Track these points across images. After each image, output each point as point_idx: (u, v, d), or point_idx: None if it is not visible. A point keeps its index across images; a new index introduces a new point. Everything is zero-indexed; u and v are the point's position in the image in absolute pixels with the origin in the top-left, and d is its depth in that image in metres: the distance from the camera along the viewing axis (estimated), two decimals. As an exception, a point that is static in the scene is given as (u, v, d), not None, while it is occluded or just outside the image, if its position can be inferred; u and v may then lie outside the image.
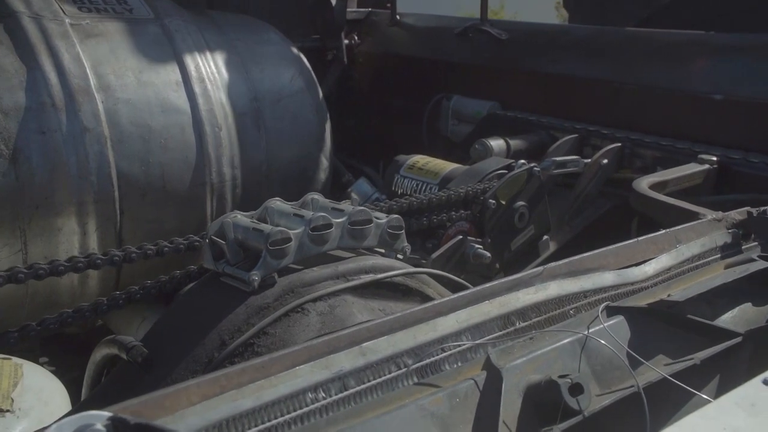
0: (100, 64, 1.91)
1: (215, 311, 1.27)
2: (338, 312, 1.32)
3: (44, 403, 1.45)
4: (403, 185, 2.16)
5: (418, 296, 1.47)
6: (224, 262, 1.35)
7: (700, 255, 1.42)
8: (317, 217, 1.35)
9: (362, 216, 1.41)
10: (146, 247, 1.42)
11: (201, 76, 2.07)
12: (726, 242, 1.47)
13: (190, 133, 2.01)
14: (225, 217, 1.38)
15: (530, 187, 1.96)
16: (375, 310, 1.39)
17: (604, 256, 1.30)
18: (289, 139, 2.24)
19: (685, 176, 1.94)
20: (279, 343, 1.25)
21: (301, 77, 2.33)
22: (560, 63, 2.70)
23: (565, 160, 2.14)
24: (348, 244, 1.41)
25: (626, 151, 2.31)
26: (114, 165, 1.87)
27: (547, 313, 1.17)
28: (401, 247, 1.50)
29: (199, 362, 1.21)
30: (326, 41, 3.44)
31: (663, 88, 2.42)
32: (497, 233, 1.91)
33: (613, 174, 2.29)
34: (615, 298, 1.26)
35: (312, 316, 1.30)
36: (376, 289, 1.41)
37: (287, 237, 1.31)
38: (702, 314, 1.19)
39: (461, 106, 2.90)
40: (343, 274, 1.38)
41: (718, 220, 1.51)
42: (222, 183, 2.08)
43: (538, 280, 1.19)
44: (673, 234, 1.42)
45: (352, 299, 1.36)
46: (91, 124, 1.84)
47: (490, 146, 2.37)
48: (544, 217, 2.02)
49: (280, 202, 1.47)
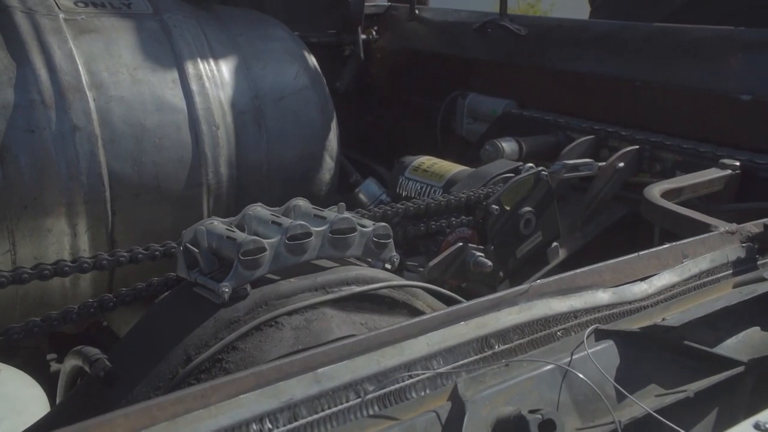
0: (93, 60, 1.86)
1: (184, 324, 1.21)
2: (315, 326, 1.25)
3: (18, 413, 1.40)
4: (408, 187, 2.08)
5: (404, 309, 1.39)
6: (197, 271, 1.28)
7: (708, 271, 1.32)
8: (294, 226, 1.27)
9: (345, 224, 1.34)
10: (119, 254, 1.36)
11: (199, 74, 2.01)
12: (739, 257, 1.36)
13: (186, 132, 1.95)
14: (200, 224, 1.32)
15: (538, 192, 1.86)
16: (357, 324, 1.31)
17: (599, 273, 1.21)
18: (292, 138, 2.17)
19: (704, 182, 1.83)
20: (248, 359, 1.18)
21: (305, 74, 2.25)
22: (580, 60, 2.59)
23: (578, 163, 2.03)
24: (329, 253, 1.33)
25: (645, 154, 2.20)
26: (105, 164, 1.83)
27: (532, 334, 1.08)
28: (389, 256, 1.42)
29: (163, 378, 1.15)
30: (343, 36, 3.37)
31: (687, 87, 2.29)
32: (501, 240, 1.82)
33: (630, 178, 2.18)
34: (609, 319, 1.16)
35: (286, 331, 1.22)
36: (358, 301, 1.33)
37: (261, 246, 1.24)
38: (703, 339, 1.09)
39: (477, 104, 2.80)
40: (322, 285, 1.30)
41: (732, 232, 1.41)
42: (219, 183, 2.02)
43: (522, 298, 1.11)
44: (679, 248, 1.32)
45: (332, 313, 1.29)
46: (82, 123, 1.79)
47: (501, 148, 2.28)
48: (552, 224, 1.92)
49: (261, 208, 1.40)
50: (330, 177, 2.30)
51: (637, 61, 2.45)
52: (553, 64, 2.65)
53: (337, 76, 3.43)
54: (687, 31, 2.48)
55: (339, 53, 3.44)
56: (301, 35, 3.25)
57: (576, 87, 2.56)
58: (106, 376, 1.15)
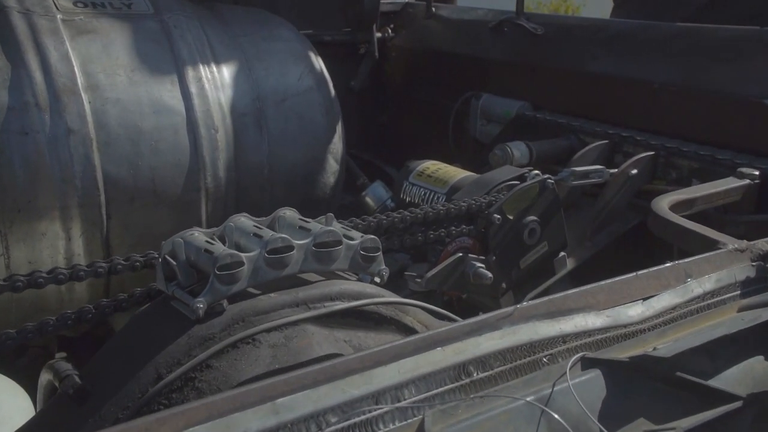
0: (90, 62, 1.83)
1: (157, 340, 1.17)
2: (294, 344, 1.20)
3: (0, 423, 1.38)
4: (412, 193, 2.02)
5: (393, 325, 1.34)
6: (175, 285, 1.24)
7: (713, 292, 1.24)
8: (275, 239, 1.22)
9: (329, 237, 1.28)
10: (97, 265, 1.32)
11: (198, 75, 1.97)
12: (748, 277, 1.28)
13: (184, 135, 1.91)
14: (179, 235, 1.27)
15: (543, 200, 1.79)
16: (340, 342, 1.26)
17: (593, 294, 1.14)
18: (294, 140, 2.13)
19: (719, 193, 1.74)
20: (222, 378, 1.13)
21: (310, 76, 2.20)
22: (597, 61, 2.50)
23: (587, 170, 1.95)
24: (313, 267, 1.28)
25: (660, 160, 2.11)
26: (100, 168, 1.79)
27: (515, 361, 1.02)
28: (377, 270, 1.36)
29: (132, 397, 1.10)
30: (357, 34, 3.31)
31: (707, 90, 2.20)
32: (503, 251, 1.75)
33: (644, 185, 2.09)
34: (601, 345, 1.09)
35: (263, 349, 1.18)
36: (342, 318, 1.28)
37: (238, 261, 1.19)
38: (699, 369, 1.02)
39: (490, 105, 2.73)
40: (303, 301, 1.25)
41: (741, 250, 1.33)
42: (218, 187, 1.98)
43: (506, 322, 1.04)
44: (681, 267, 1.24)
45: (314, 329, 1.24)
46: (76, 126, 1.76)
47: (510, 152, 2.21)
48: (559, 233, 1.85)
49: (245, 219, 1.35)
50: (335, 180, 2.25)
51: (656, 63, 2.36)
52: (569, 65, 2.56)
53: (352, 74, 3.38)
54: (709, 32, 2.38)
55: (354, 52, 3.39)
56: (314, 34, 3.23)
57: (592, 89, 2.47)
58: (75, 394, 1.12)
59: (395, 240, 1.63)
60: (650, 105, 2.30)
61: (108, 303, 1.31)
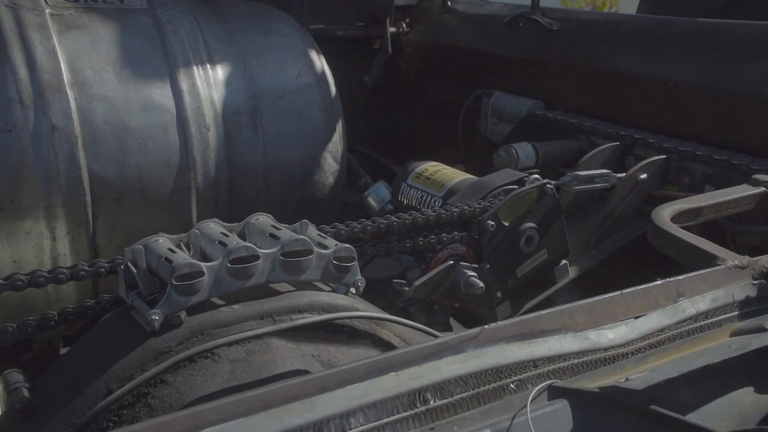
0: (77, 58, 1.79)
1: (113, 352, 1.12)
2: (256, 359, 1.14)
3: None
4: (409, 195, 1.95)
5: (367, 339, 1.27)
6: (136, 294, 1.19)
7: (708, 313, 1.15)
8: (238, 248, 1.17)
9: (299, 246, 1.22)
10: (58, 270, 1.27)
11: (190, 72, 1.92)
12: (748, 297, 1.19)
13: (174, 134, 1.86)
14: (142, 242, 1.22)
15: (542, 206, 1.70)
16: (307, 357, 1.20)
17: (570, 314, 1.06)
18: (291, 139, 2.06)
19: (730, 201, 1.63)
20: (175, 394, 1.08)
21: (309, 72, 2.14)
22: (612, 58, 2.39)
23: (592, 174, 1.86)
24: (281, 277, 1.22)
25: (673, 164, 2.00)
26: (85, 166, 1.75)
27: (479, 387, 0.95)
28: (353, 281, 1.30)
29: (80, 414, 1.05)
30: (370, 29, 3.24)
31: (725, 90, 2.08)
32: (498, 259, 1.67)
33: (654, 191, 1.99)
34: (576, 370, 1.02)
35: (222, 364, 1.12)
36: (311, 331, 1.22)
37: (198, 270, 1.13)
38: (679, 401, 0.93)
39: (502, 103, 2.64)
40: (269, 313, 1.19)
41: (742, 267, 1.23)
42: (209, 187, 1.92)
43: (471, 344, 0.97)
44: (673, 285, 1.15)
45: (279, 344, 1.18)
46: (61, 123, 1.72)
47: (515, 154, 2.12)
48: (559, 241, 1.76)
49: (214, 225, 1.29)
50: (334, 180, 2.18)
51: (673, 61, 2.24)
52: (583, 62, 2.46)
53: (366, 70, 3.31)
54: (730, 28, 2.26)
55: (368, 47, 3.32)
56: (325, 28, 3.17)
57: (605, 88, 2.37)
58: (23, 408, 1.07)
59: (381, 247, 1.56)
60: (665, 105, 2.19)
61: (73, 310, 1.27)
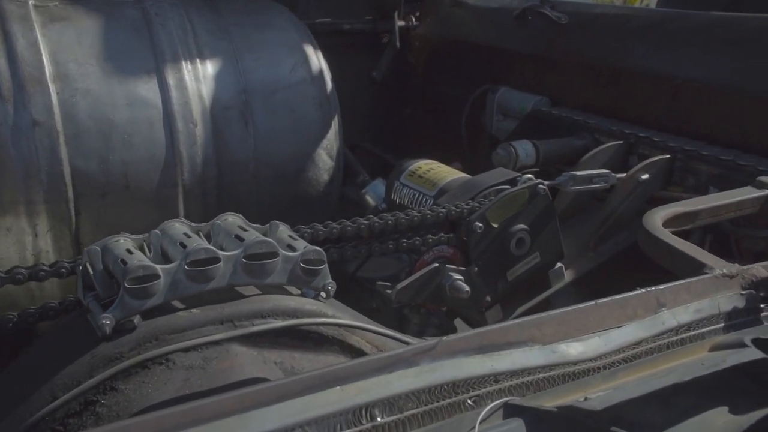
0: (61, 50, 1.76)
1: (64, 358, 1.08)
2: (213, 367, 1.09)
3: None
4: (401, 194, 1.89)
5: (335, 346, 1.22)
6: (93, 296, 1.15)
7: (691, 325, 1.09)
8: (197, 250, 1.12)
9: (262, 248, 1.17)
10: (16, 271, 1.24)
11: (178, 66, 1.88)
12: (735, 308, 1.12)
13: (160, 129, 1.82)
14: (102, 241, 1.18)
15: (534, 207, 1.63)
16: (270, 364, 1.15)
17: (538, 325, 0.99)
18: (283, 135, 2.02)
19: (730, 204, 1.54)
20: (124, 403, 1.03)
21: (304, 67, 2.09)
22: (620, 53, 2.31)
23: (590, 174, 1.78)
24: (244, 281, 1.17)
25: (677, 164, 1.92)
26: (67, 162, 1.72)
27: (432, 403, 0.89)
28: (322, 284, 1.24)
29: (23, 422, 1.02)
30: (379, 23, 3.18)
31: (735, 87, 1.99)
32: (487, 261, 1.61)
33: (657, 192, 1.91)
34: (543, 385, 0.96)
35: (176, 371, 1.07)
36: (276, 337, 1.17)
37: (153, 273, 1.09)
38: (645, 422, 0.87)
39: (507, 99, 2.56)
40: (229, 318, 1.14)
41: (731, 276, 1.16)
42: (196, 183, 1.88)
43: (427, 357, 0.91)
44: (653, 295, 1.08)
45: (240, 350, 1.13)
46: (42, 117, 1.69)
47: (514, 152, 2.05)
48: (553, 244, 1.69)
49: (179, 224, 1.24)
50: (329, 177, 2.13)
51: (682, 56, 2.15)
52: (590, 57, 2.38)
53: (374, 65, 3.25)
54: (744, 21, 2.16)
55: (377, 41, 3.26)
56: (332, 22, 3.12)
57: (612, 84, 2.29)
58: (-34, 413, 1.04)
59: (363, 248, 1.51)
60: (672, 102, 2.10)
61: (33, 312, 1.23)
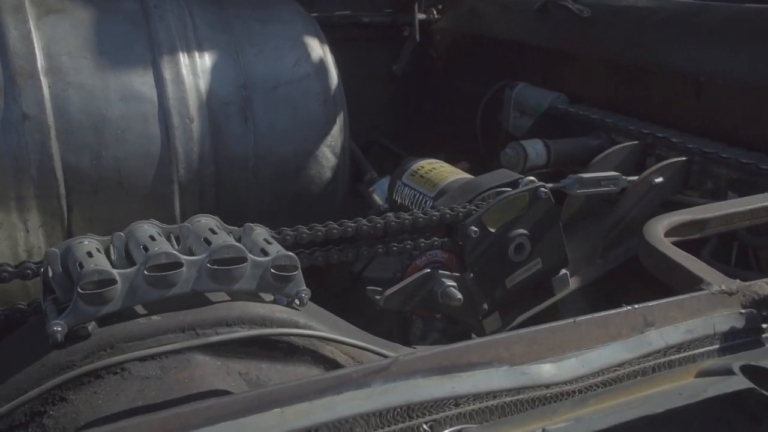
0: (54, 43, 1.73)
1: (14, 365, 1.04)
2: (171, 377, 1.04)
3: None
4: (403, 194, 1.82)
5: (307, 356, 1.16)
6: (51, 300, 1.11)
7: (681, 346, 1.00)
8: (157, 254, 1.07)
9: (229, 252, 1.11)
10: (-16, 269, 1.20)
11: (175, 60, 1.83)
12: (733, 328, 1.03)
13: (154, 125, 1.78)
14: (65, 242, 1.14)
15: (535, 211, 1.55)
16: (234, 375, 1.09)
17: (506, 345, 0.92)
18: (285, 132, 1.96)
19: (743, 213, 1.43)
20: (72, 414, 0.99)
21: (308, 62, 2.03)
22: (640, 48, 2.20)
23: (598, 177, 1.69)
24: (208, 287, 1.11)
25: (695, 167, 1.81)
26: (59, 157, 1.69)
27: (383, 427, 0.83)
28: (295, 291, 1.18)
29: (-36, 431, 0.98)
30: (398, 16, 3.11)
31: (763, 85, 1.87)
32: (484, 267, 1.53)
33: (672, 196, 1.80)
34: (509, 410, 0.88)
35: (132, 381, 1.02)
36: (242, 346, 1.11)
37: (109, 278, 1.04)
38: (614, 458, 0.79)
39: (524, 96, 2.47)
40: (191, 326, 1.09)
41: (730, 293, 1.06)
42: (192, 181, 1.84)
43: (379, 377, 0.85)
44: (641, 312, 1.00)
45: (202, 360, 1.07)
46: (33, 111, 1.66)
47: (523, 151, 1.96)
48: (556, 249, 1.60)
49: (148, 226, 1.20)
50: (333, 175, 2.07)
51: (706, 52, 2.04)
52: (610, 52, 2.27)
53: (394, 58, 3.19)
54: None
55: (398, 34, 3.19)
56: (351, 15, 3.06)
57: (632, 81, 2.18)
58: None
59: (349, 252, 1.44)
60: (694, 101, 1.99)
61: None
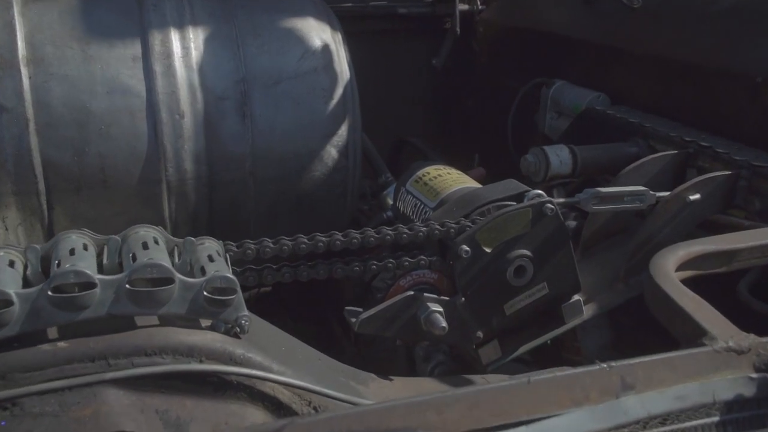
0: (39, 31, 1.63)
1: None
2: (72, 415, 0.91)
3: None
4: (405, 201, 1.66)
5: (242, 393, 1.02)
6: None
7: (667, 417, 0.81)
8: (65, 273, 0.94)
9: (152, 273, 0.98)
10: None
11: (167, 52, 1.71)
12: (739, 397, 0.83)
13: (142, 120, 1.67)
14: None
15: (540, 230, 1.35)
16: (150, 413, 0.96)
17: (437, 408, 0.75)
18: (285, 130, 1.82)
19: (784, 241, 1.21)
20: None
21: (316, 56, 1.87)
22: (692, 44, 1.95)
23: (621, 192, 1.48)
24: (128, 310, 0.98)
25: (742, 183, 1.58)
26: (38, 152, 1.60)
27: None
28: (234, 317, 1.04)
29: None
30: (438, 6, 2.92)
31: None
32: (478, 292, 1.35)
33: (713, 215, 1.58)
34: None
35: (22, 420, 0.90)
36: (164, 380, 0.98)
37: (5, 299, 0.92)
38: None
39: (562, 95, 2.26)
40: (103, 355, 0.96)
41: (740, 351, 0.86)
42: (183, 180, 1.72)
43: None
44: (618, 372, 0.81)
45: (113, 394, 0.95)
46: (11, 103, 1.57)
47: (545, 159, 1.77)
48: (565, 273, 1.41)
49: (76, 236, 1.07)
50: (340, 177, 1.91)
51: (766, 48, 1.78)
52: (658, 49, 2.03)
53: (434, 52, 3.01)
54: None
55: (439, 26, 3.01)
56: (387, 5, 2.90)
57: (680, 81, 1.94)
58: None
59: (321, 269, 1.29)
60: (749, 105, 1.75)
61: None
